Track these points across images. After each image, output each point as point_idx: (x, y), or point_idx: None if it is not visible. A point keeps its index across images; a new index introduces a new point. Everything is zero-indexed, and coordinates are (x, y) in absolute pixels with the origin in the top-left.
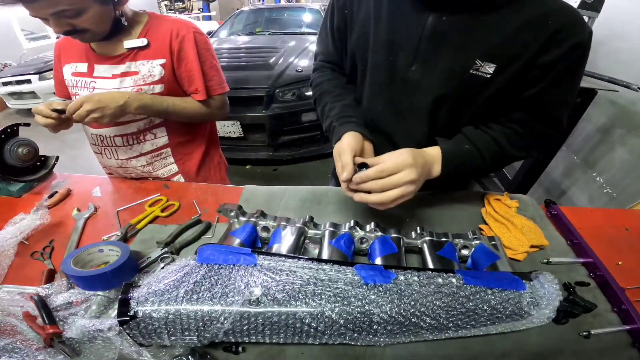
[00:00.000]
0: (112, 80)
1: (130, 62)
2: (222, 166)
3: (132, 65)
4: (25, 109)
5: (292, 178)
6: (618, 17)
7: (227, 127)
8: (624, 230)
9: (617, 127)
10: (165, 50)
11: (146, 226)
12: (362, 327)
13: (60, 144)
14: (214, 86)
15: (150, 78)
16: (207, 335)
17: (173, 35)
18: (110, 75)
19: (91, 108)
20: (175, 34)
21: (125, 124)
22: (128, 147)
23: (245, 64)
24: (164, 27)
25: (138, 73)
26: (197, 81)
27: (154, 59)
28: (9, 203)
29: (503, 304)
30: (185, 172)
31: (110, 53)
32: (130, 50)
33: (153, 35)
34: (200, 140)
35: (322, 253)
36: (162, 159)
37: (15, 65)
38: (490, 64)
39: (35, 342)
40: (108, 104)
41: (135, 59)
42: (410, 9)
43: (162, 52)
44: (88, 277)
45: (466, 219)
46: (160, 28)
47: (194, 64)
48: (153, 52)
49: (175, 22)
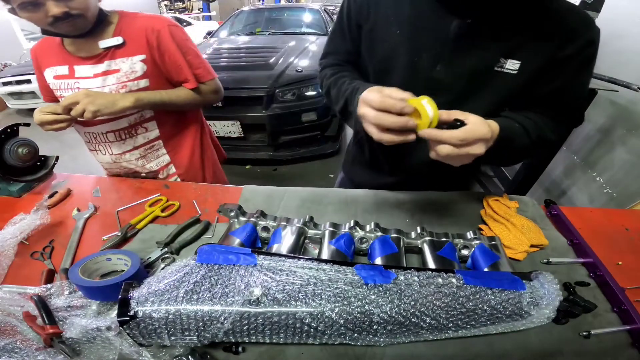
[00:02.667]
0: (94, 79)
1: (109, 61)
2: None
3: (112, 64)
4: (25, 109)
5: (292, 178)
6: (618, 17)
7: (227, 127)
8: (624, 230)
9: (617, 127)
10: (143, 46)
11: (146, 226)
12: (362, 327)
13: (60, 144)
14: (203, 73)
15: (133, 74)
16: (207, 335)
17: (149, 31)
18: (92, 75)
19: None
20: (150, 29)
21: (117, 120)
22: (121, 141)
23: (245, 64)
24: (138, 24)
25: (119, 71)
26: (185, 71)
27: (133, 56)
28: (9, 203)
29: (503, 304)
30: (177, 163)
31: (86, 54)
32: (106, 49)
33: (127, 33)
34: (191, 132)
35: (322, 253)
36: (155, 151)
37: (15, 65)
38: (514, 61)
39: (35, 342)
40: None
41: (114, 57)
42: (434, 14)
43: (140, 48)
44: (98, 288)
45: (466, 219)
46: (133, 25)
47: (176, 55)
48: (131, 49)
49: (148, 18)
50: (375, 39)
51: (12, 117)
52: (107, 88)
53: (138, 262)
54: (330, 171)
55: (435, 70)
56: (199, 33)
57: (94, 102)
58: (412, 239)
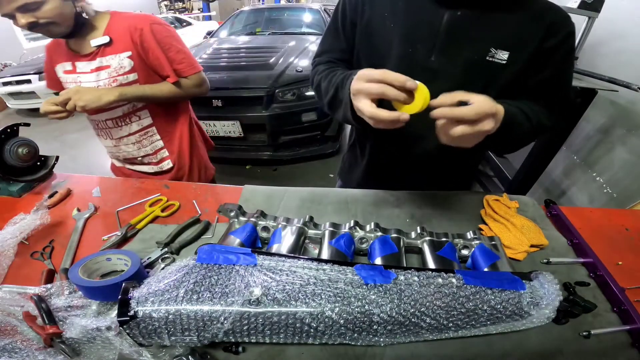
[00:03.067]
0: (90, 74)
1: (100, 58)
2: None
3: (103, 60)
4: (26, 109)
5: (292, 178)
6: (618, 17)
7: (227, 127)
8: (624, 230)
9: (617, 127)
10: (129, 43)
11: (146, 226)
12: (362, 327)
13: (60, 144)
14: (184, 68)
15: (122, 69)
16: (207, 335)
17: (132, 29)
18: (89, 70)
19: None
20: (134, 27)
21: (112, 109)
22: (118, 128)
23: (245, 64)
24: (124, 23)
25: (110, 67)
26: (165, 67)
27: (120, 53)
28: (9, 203)
29: (503, 304)
30: (170, 149)
31: (83, 51)
32: (97, 47)
33: (115, 32)
34: (181, 121)
35: (322, 253)
36: (149, 137)
37: (15, 65)
38: (504, 51)
39: (35, 342)
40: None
41: (104, 55)
42: (427, 6)
43: (126, 46)
44: (98, 288)
45: (466, 219)
46: (120, 24)
47: (157, 52)
48: (118, 47)
49: (134, 17)
50: (370, 34)
51: (12, 117)
52: (101, 82)
53: (138, 262)
54: (330, 171)
55: (430, 61)
56: (199, 33)
57: (81, 98)
58: (412, 239)
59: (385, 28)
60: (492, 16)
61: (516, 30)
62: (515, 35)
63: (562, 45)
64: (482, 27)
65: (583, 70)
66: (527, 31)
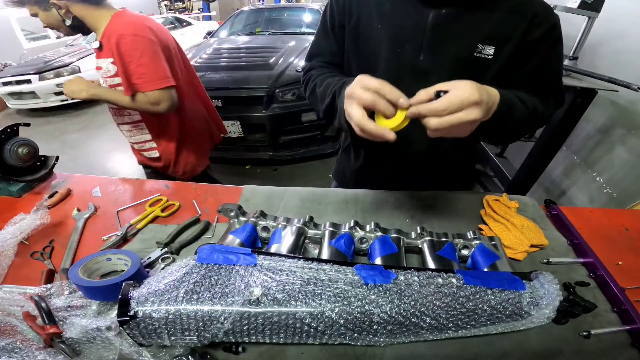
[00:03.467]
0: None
1: (98, 59)
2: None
3: (99, 62)
4: (26, 109)
5: (292, 178)
6: (618, 17)
7: (227, 127)
8: (624, 230)
9: (617, 127)
10: (111, 50)
11: (146, 226)
12: (362, 327)
13: (60, 144)
14: (141, 83)
15: (108, 73)
16: (207, 335)
17: (112, 37)
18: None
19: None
20: (114, 35)
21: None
22: (117, 115)
23: (245, 64)
24: (113, 28)
25: (102, 68)
26: (122, 79)
27: (106, 58)
28: (9, 203)
29: (503, 304)
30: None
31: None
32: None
33: (105, 37)
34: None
35: (322, 253)
36: (139, 130)
37: (15, 65)
38: (490, 46)
39: (35, 342)
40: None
41: (99, 57)
42: (412, 7)
43: (110, 52)
44: (98, 288)
45: (466, 219)
46: (111, 29)
47: (118, 63)
48: (106, 52)
49: (123, 24)
50: (359, 36)
51: (12, 117)
52: (101, 80)
53: (138, 262)
54: (330, 171)
55: (419, 60)
56: (199, 33)
57: (67, 88)
58: (412, 239)
59: (373, 29)
60: (476, 13)
61: (500, 25)
62: (499, 30)
63: (547, 36)
64: (467, 24)
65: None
66: (510, 25)
